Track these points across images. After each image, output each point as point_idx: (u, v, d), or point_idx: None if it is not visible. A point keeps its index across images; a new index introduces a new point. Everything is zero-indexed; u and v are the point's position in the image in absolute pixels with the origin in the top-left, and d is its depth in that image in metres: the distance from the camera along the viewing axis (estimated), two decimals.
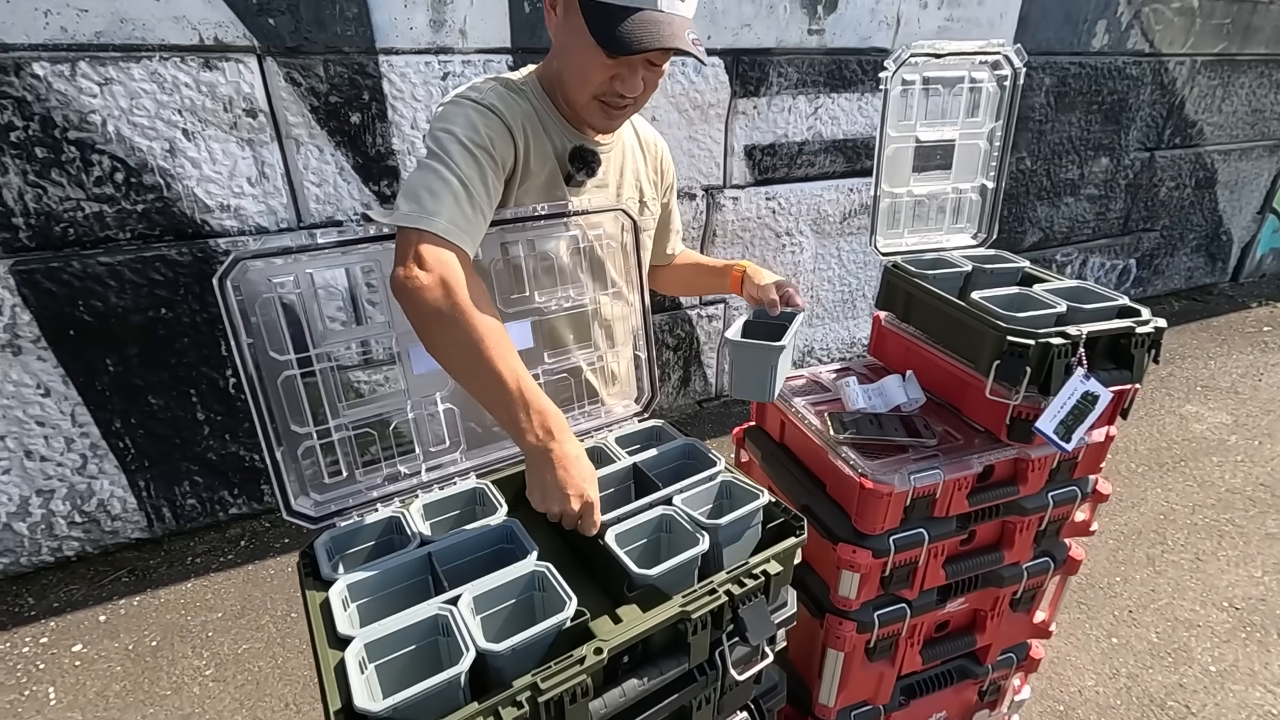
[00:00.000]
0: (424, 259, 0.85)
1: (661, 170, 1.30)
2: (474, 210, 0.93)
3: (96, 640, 2.07)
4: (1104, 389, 1.03)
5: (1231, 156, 4.47)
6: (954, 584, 1.24)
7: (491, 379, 0.85)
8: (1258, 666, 1.95)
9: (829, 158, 3.15)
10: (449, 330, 0.85)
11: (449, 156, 0.94)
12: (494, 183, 0.98)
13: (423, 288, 0.84)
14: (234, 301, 0.83)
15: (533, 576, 0.84)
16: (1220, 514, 2.61)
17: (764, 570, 0.86)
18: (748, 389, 1.14)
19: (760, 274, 1.24)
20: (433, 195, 0.90)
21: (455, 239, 0.89)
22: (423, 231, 0.87)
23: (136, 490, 2.32)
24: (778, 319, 1.18)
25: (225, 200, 2.12)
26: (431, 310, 0.85)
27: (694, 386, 3.33)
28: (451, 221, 0.89)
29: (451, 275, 0.85)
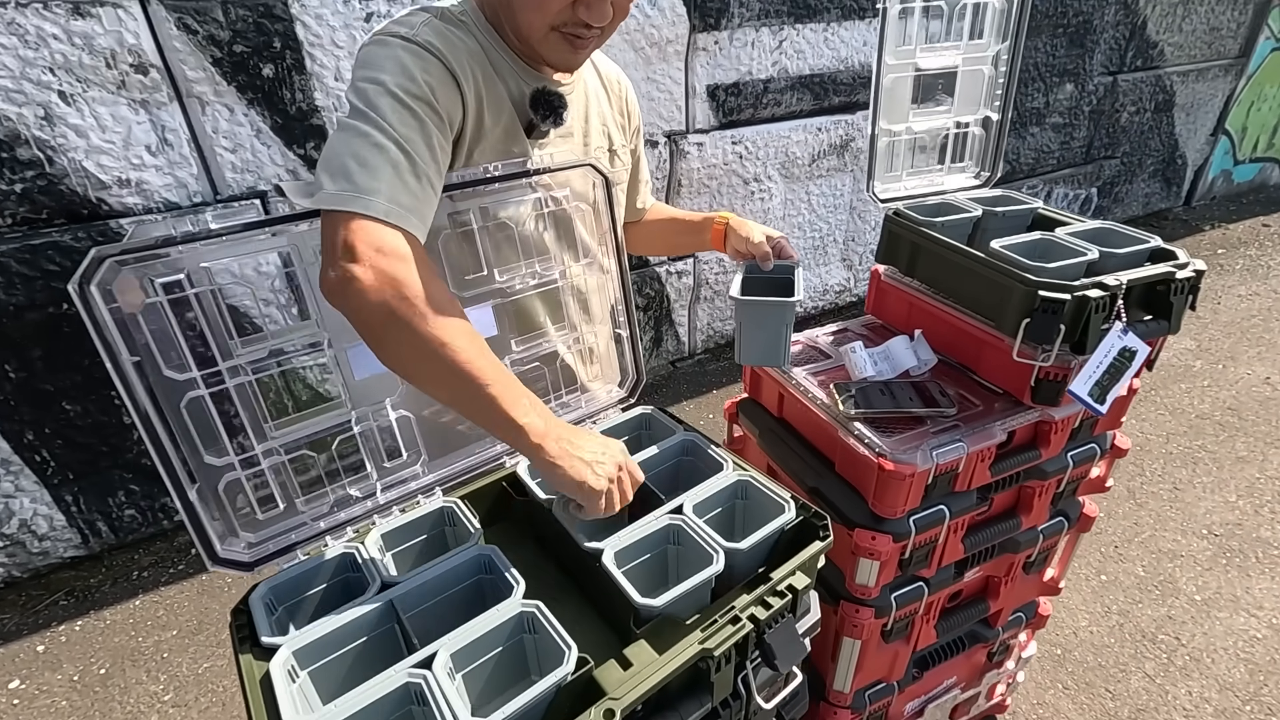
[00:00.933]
0: (362, 251, 0.68)
1: (628, 112, 1.12)
2: (420, 182, 0.75)
3: (36, 673, 1.88)
4: (1142, 343, 0.93)
5: (1189, 78, 4.43)
6: (971, 555, 1.16)
7: (468, 386, 0.71)
8: (1240, 592, 1.98)
9: (796, 95, 2.96)
10: (406, 338, 0.69)
11: (379, 114, 0.74)
12: (440, 143, 0.79)
13: (366, 289, 0.67)
14: (104, 312, 0.64)
15: (521, 618, 0.71)
16: (1193, 441, 2.64)
17: (790, 585, 0.75)
18: (758, 353, 1.00)
19: (745, 225, 1.09)
20: (364, 167, 0.71)
21: (400, 221, 0.71)
22: (357, 216, 0.69)
23: (63, 506, 2.09)
24: (774, 273, 1.04)
25: (123, 174, 1.84)
26: (380, 316, 0.68)
27: (666, 347, 3.20)
28: (393, 200, 0.71)
29: (399, 269, 0.69)
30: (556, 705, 0.64)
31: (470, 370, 0.70)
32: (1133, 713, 1.66)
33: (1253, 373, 3.05)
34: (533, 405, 0.73)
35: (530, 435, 0.72)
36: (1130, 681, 1.74)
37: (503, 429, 0.72)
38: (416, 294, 0.69)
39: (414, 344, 0.69)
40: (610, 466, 0.74)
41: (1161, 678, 1.75)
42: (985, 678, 1.47)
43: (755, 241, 1.05)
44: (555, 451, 0.72)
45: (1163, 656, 1.80)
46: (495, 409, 0.71)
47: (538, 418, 0.73)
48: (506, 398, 0.71)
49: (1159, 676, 1.75)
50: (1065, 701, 1.70)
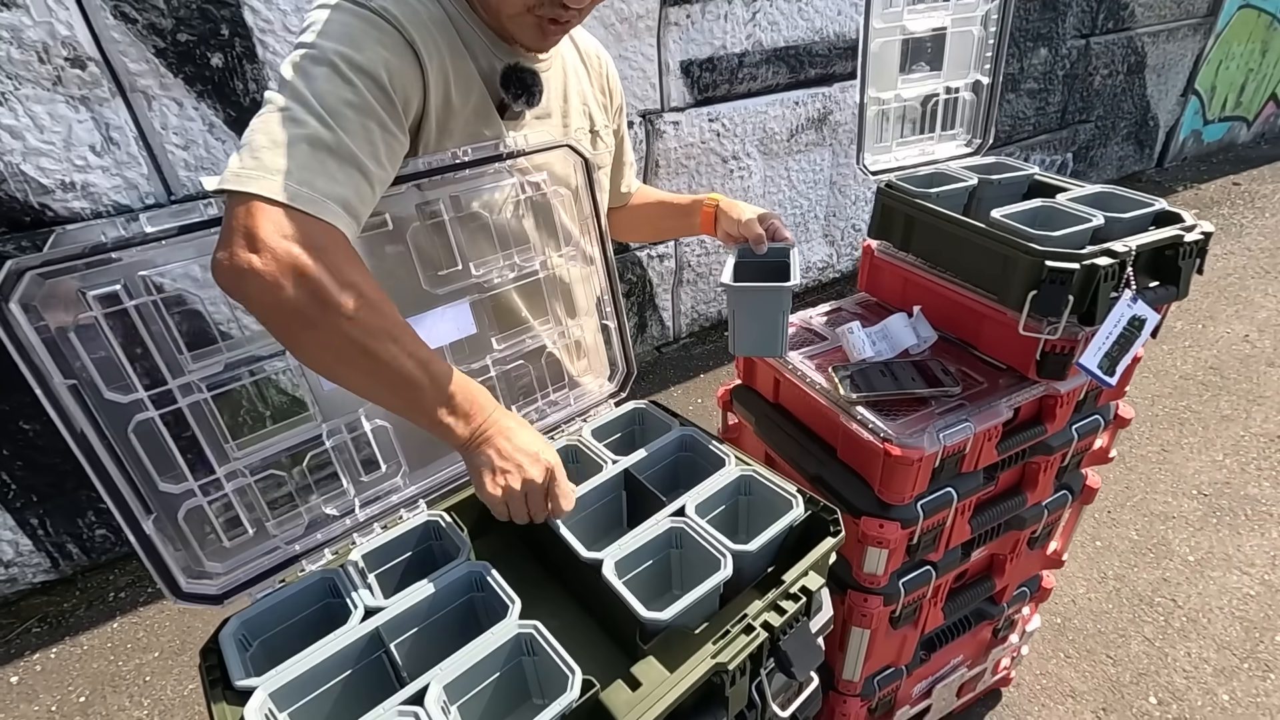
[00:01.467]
0: (263, 239, 0.59)
1: (609, 89, 1.05)
2: (342, 166, 0.65)
3: (11, 706, 1.80)
4: (1152, 311, 0.89)
5: (1160, 38, 4.43)
6: (977, 535, 1.13)
7: (392, 390, 0.67)
8: (1231, 550, 2.00)
9: (771, 69, 2.89)
10: (316, 337, 0.63)
11: (308, 85, 0.65)
12: (385, 124, 0.69)
13: (267, 285, 0.59)
14: (29, 332, 0.57)
15: (519, 640, 0.65)
16: (1178, 402, 2.66)
17: (804, 587, 0.70)
18: (754, 343, 0.95)
19: (736, 207, 1.03)
20: (276, 146, 0.62)
21: (311, 207, 0.61)
22: (260, 199, 0.60)
23: (29, 529, 1.99)
24: (767, 256, 0.99)
25: (66, 176, 1.72)
26: (285, 314, 0.61)
27: (651, 332, 3.14)
28: (304, 182, 0.62)
29: (309, 262, 0.60)
30: None
31: (393, 374, 0.66)
32: (1134, 677, 1.67)
33: (1232, 331, 3.07)
34: (463, 403, 0.70)
35: (455, 434, 0.70)
36: (1130, 646, 1.75)
37: (430, 429, 0.70)
38: (328, 291, 0.61)
39: (325, 345, 0.64)
40: (517, 478, 0.70)
41: (1160, 640, 1.76)
42: (991, 654, 1.45)
43: (747, 223, 0.99)
44: (476, 451, 0.71)
45: (1160, 619, 1.81)
46: (421, 411, 0.69)
47: (461, 420, 0.70)
48: (431, 395, 0.68)
49: (1158, 639, 1.76)
50: (1068, 670, 1.70)
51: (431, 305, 0.83)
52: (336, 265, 0.62)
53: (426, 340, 0.82)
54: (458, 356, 0.87)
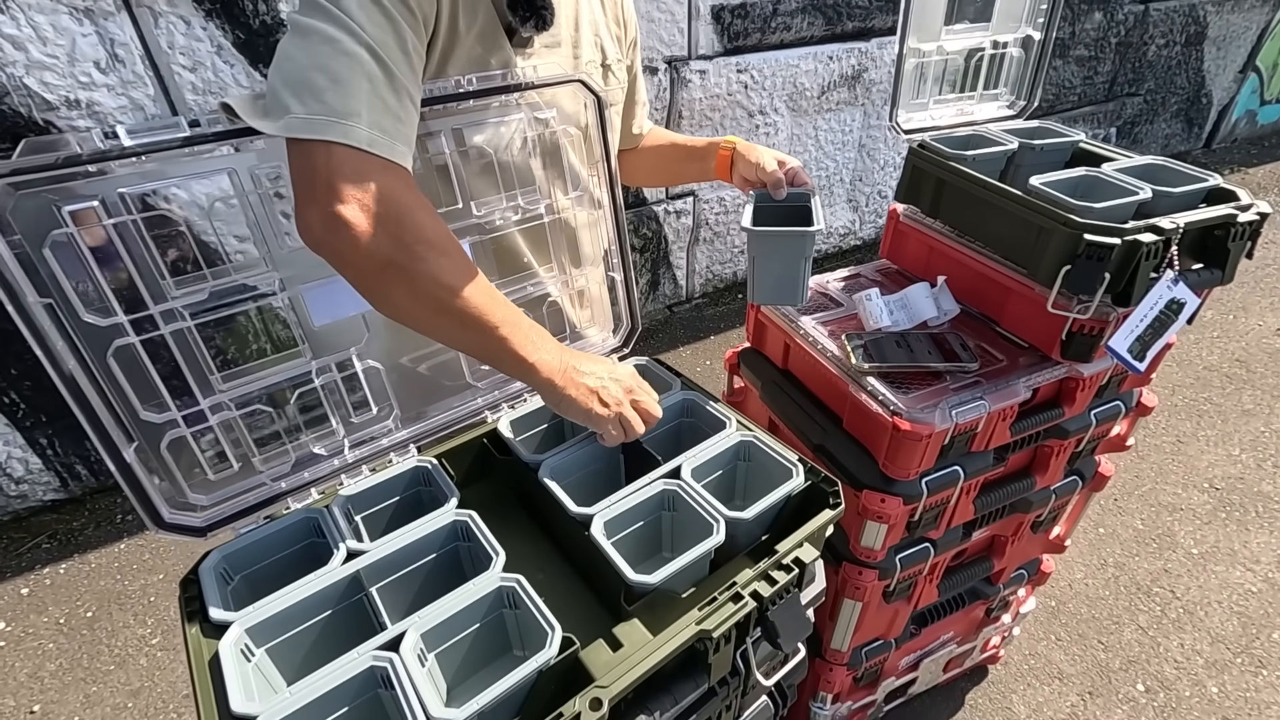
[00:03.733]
0: (349, 190, 0.59)
1: (624, 21, 0.98)
2: (399, 99, 0.64)
3: (21, 616, 1.86)
4: (1192, 294, 0.83)
5: (1225, 7, 4.16)
6: (981, 516, 1.11)
7: (477, 332, 0.68)
8: (1237, 546, 1.97)
9: (807, 19, 2.74)
10: (407, 288, 0.63)
11: (345, 11, 0.61)
12: (416, 48, 0.67)
13: (359, 235, 0.59)
14: None
15: (500, 593, 0.64)
16: (1199, 393, 2.58)
17: (797, 559, 0.68)
18: (774, 291, 0.90)
19: (754, 150, 0.97)
20: (338, 85, 0.59)
21: (387, 151, 0.61)
22: (338, 146, 0.59)
23: (38, 448, 2.03)
24: (787, 202, 0.93)
25: (70, 93, 1.67)
26: (376, 265, 0.61)
27: (663, 290, 3.09)
28: (375, 124, 0.61)
29: (395, 209, 0.60)
30: (539, 690, 0.58)
31: (479, 316, 0.66)
32: (1123, 664, 1.67)
33: (1264, 324, 2.97)
34: (541, 340, 0.71)
35: (541, 371, 0.70)
36: (1123, 633, 1.74)
37: (514, 368, 0.70)
38: (416, 238, 0.62)
39: (416, 294, 0.64)
40: (616, 391, 0.73)
41: (1154, 630, 1.74)
42: (982, 632, 1.45)
43: (767, 168, 0.93)
44: (563, 383, 0.71)
45: (1156, 609, 1.80)
46: (506, 351, 0.69)
47: (546, 353, 0.71)
48: (516, 338, 0.69)
49: (1152, 629, 1.75)
50: (1058, 653, 1.69)
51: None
52: (419, 214, 0.62)
53: None
54: None
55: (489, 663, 0.68)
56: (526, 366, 0.70)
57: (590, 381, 0.73)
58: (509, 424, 0.84)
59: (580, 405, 0.72)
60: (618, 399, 0.73)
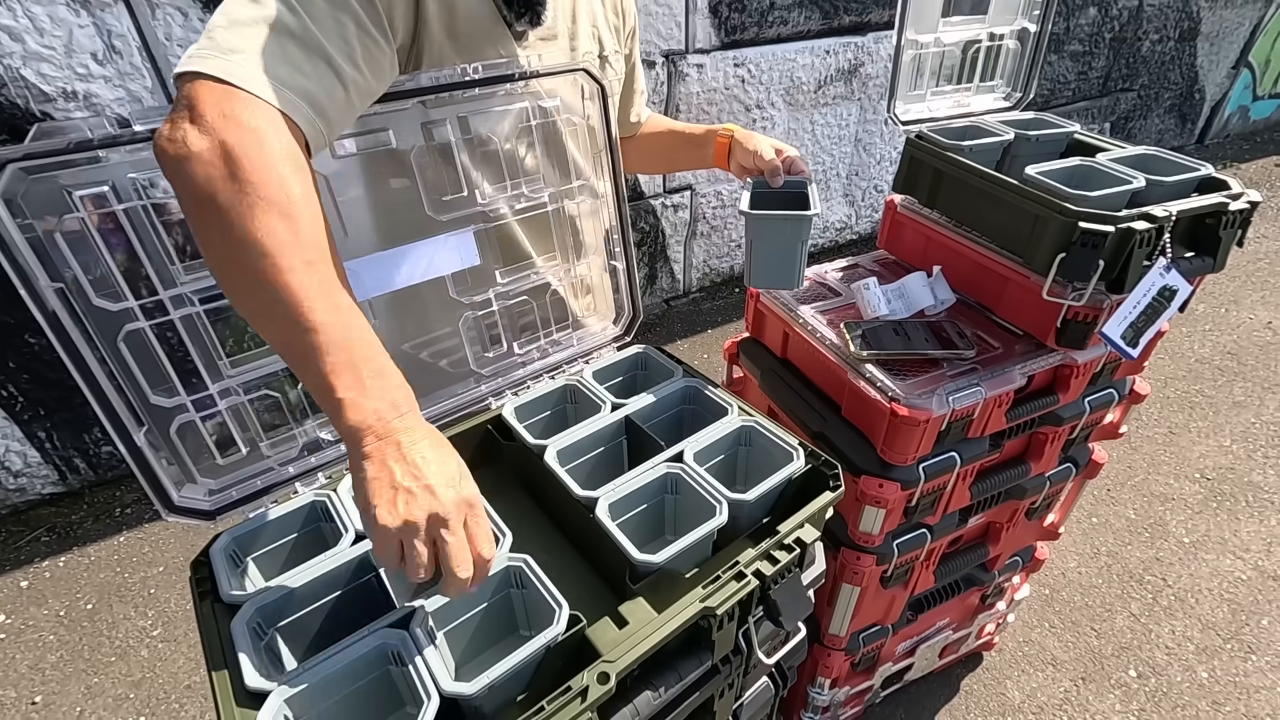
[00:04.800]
0: (204, 112, 0.52)
1: (623, 12, 0.98)
2: (306, 54, 0.58)
3: (21, 609, 1.86)
4: (1185, 282, 0.85)
5: (1218, 3, 4.19)
6: (976, 502, 1.12)
7: (284, 320, 0.52)
8: (1228, 534, 2.00)
9: (803, 13, 2.75)
10: (220, 230, 0.52)
11: None
12: (365, 28, 0.63)
13: (192, 155, 0.51)
14: (10, 229, 0.55)
15: (508, 573, 0.65)
16: (1190, 385, 2.61)
17: (798, 539, 0.69)
18: (770, 274, 0.92)
19: (752, 138, 0.99)
20: (233, 26, 0.56)
21: (262, 90, 0.55)
22: (206, 77, 0.54)
23: (36, 442, 2.02)
24: (784, 190, 0.95)
25: (68, 85, 1.67)
26: (200, 193, 0.52)
27: (661, 284, 3.10)
28: (262, 68, 0.55)
29: (243, 140, 0.52)
30: (546, 665, 0.59)
31: (291, 302, 0.52)
32: (1116, 650, 1.69)
33: (1255, 317, 3.00)
34: (375, 380, 0.54)
35: (347, 415, 0.52)
36: (1115, 620, 1.76)
37: (319, 394, 0.53)
38: (252, 177, 0.51)
39: (226, 241, 0.52)
40: (422, 510, 0.51)
41: (1146, 617, 1.77)
42: (977, 619, 1.47)
43: (764, 156, 0.95)
44: (371, 450, 0.52)
45: (1148, 597, 1.82)
46: (312, 365, 0.52)
47: (369, 397, 0.53)
48: (331, 356, 0.52)
49: (1143, 616, 1.77)
50: (1051, 639, 1.72)
51: (434, 231, 0.80)
52: (272, 160, 0.53)
53: (429, 269, 0.80)
54: (460, 288, 0.85)
55: (495, 642, 0.69)
56: (332, 399, 0.52)
57: (401, 471, 0.51)
58: (513, 410, 0.85)
59: (367, 489, 0.51)
60: (425, 516, 0.51)
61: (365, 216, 0.76)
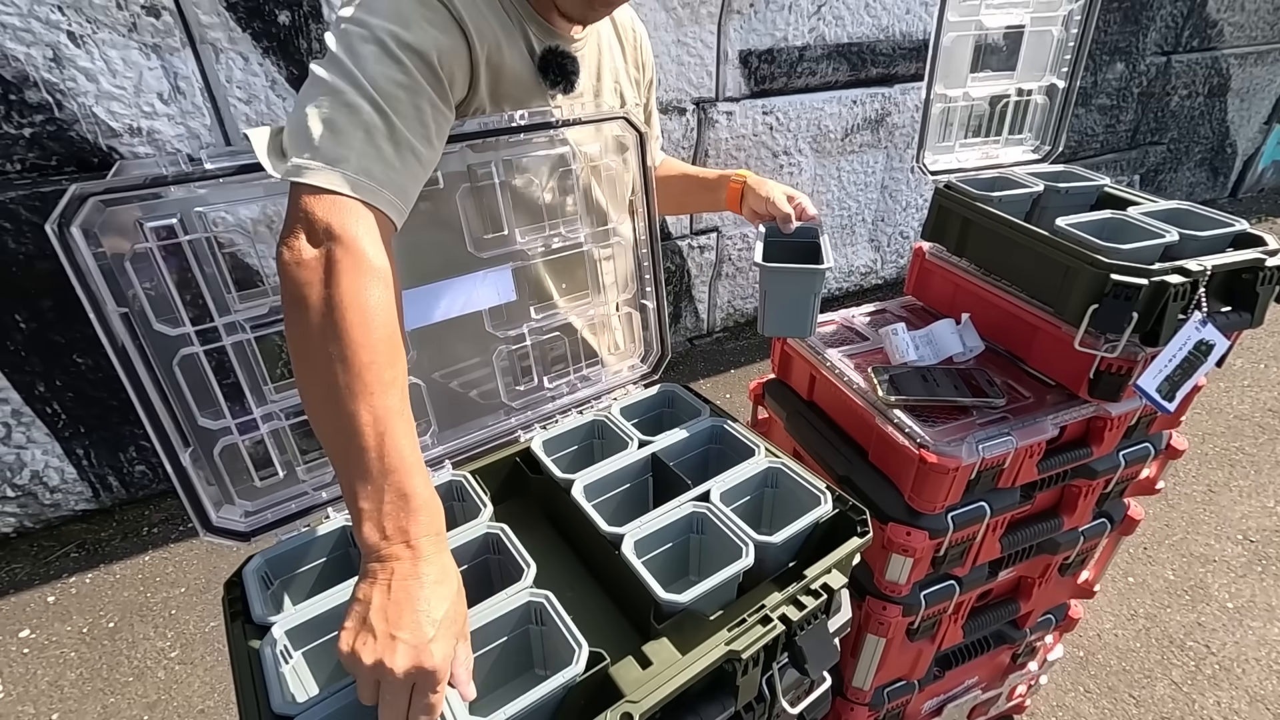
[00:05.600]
0: (314, 223, 0.57)
1: (642, 64, 1.02)
2: (398, 150, 0.64)
3: (46, 624, 1.89)
4: (1222, 337, 0.84)
5: (1248, 61, 4.20)
6: (1007, 555, 1.10)
7: (340, 418, 0.54)
8: (1275, 601, 1.90)
9: (832, 65, 2.82)
10: (306, 330, 0.56)
11: (358, 65, 0.63)
12: (435, 104, 0.68)
13: (297, 264, 0.56)
14: (87, 256, 0.58)
15: (529, 608, 0.65)
16: (1230, 442, 2.53)
17: (825, 585, 0.68)
18: (783, 324, 0.93)
19: (764, 185, 1.01)
20: (333, 131, 0.61)
21: (369, 196, 0.60)
22: (319, 190, 0.59)
23: (74, 459, 2.08)
24: (797, 236, 0.97)
25: (134, 122, 1.78)
26: (294, 296, 0.57)
27: (685, 323, 3.12)
28: (362, 170, 0.60)
29: (345, 250, 0.57)
30: (568, 705, 0.59)
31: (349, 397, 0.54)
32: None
33: None
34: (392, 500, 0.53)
35: (360, 529, 0.53)
36: (1155, 688, 1.68)
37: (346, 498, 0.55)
38: (345, 281, 0.56)
39: (309, 340, 0.56)
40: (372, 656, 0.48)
41: (1189, 686, 1.68)
42: (1008, 679, 1.41)
43: (778, 204, 0.97)
44: (370, 568, 0.52)
45: (1190, 664, 1.74)
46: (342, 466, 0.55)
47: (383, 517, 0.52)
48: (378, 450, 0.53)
49: (1186, 685, 1.69)
50: (1087, 705, 1.64)
51: (474, 268, 0.83)
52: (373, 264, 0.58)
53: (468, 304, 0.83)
54: (496, 322, 0.87)
55: (508, 680, 0.68)
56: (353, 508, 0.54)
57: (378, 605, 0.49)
58: (541, 443, 0.87)
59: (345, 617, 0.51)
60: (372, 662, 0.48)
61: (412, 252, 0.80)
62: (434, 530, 0.55)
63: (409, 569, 0.52)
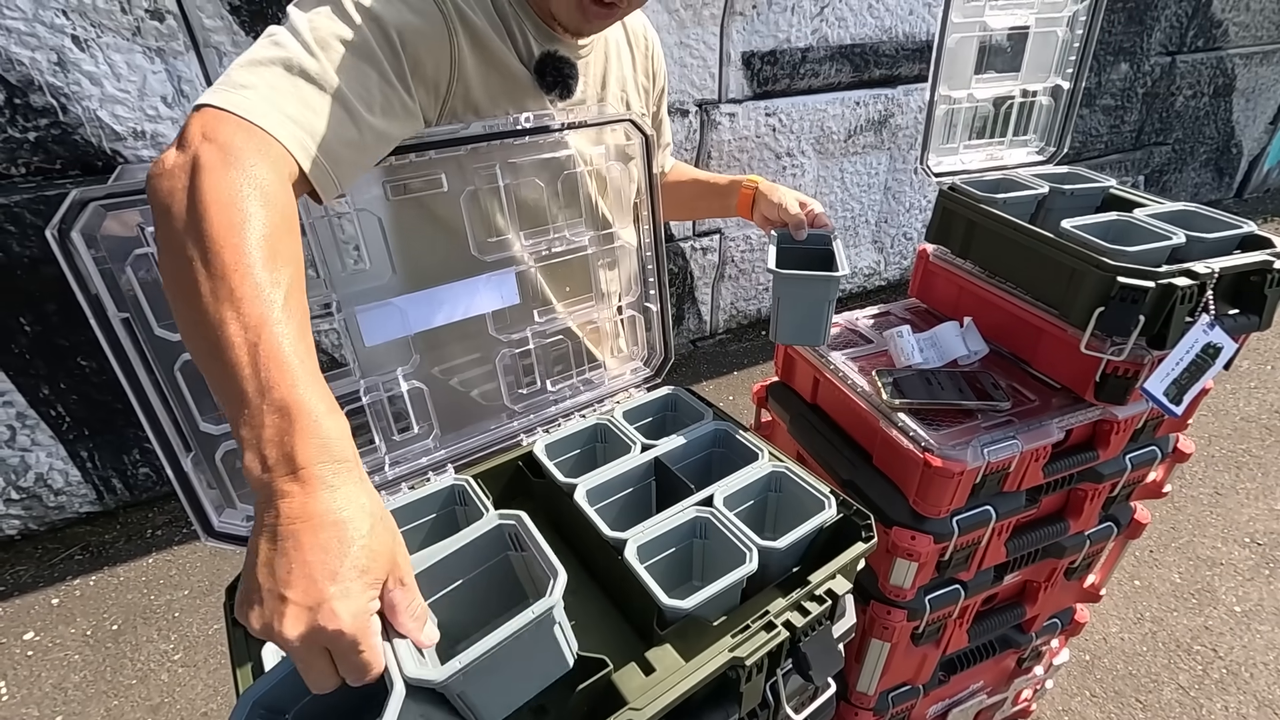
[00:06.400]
0: (187, 135, 0.52)
1: (653, 73, 1.02)
2: (321, 93, 0.59)
3: (50, 626, 1.89)
4: (1229, 339, 0.83)
5: (1253, 61, 4.18)
6: (1013, 559, 1.09)
7: (209, 334, 0.46)
8: None
9: (834, 66, 2.82)
10: (167, 240, 0.50)
11: (304, 20, 0.62)
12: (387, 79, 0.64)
13: (161, 173, 0.51)
14: (88, 261, 0.58)
15: (500, 531, 0.66)
16: (1237, 445, 2.52)
17: (830, 590, 0.68)
18: (797, 332, 0.92)
19: (776, 191, 1.00)
20: (251, 65, 0.58)
21: (262, 120, 0.54)
22: (209, 107, 0.54)
23: (79, 461, 2.09)
24: (809, 243, 0.96)
25: (138, 125, 1.78)
26: (157, 210, 0.51)
27: (688, 325, 3.12)
28: (270, 102, 0.56)
29: (216, 148, 0.51)
30: (572, 710, 0.58)
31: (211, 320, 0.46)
32: None
33: None
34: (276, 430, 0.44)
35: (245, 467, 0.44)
36: (1162, 693, 1.67)
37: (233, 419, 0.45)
38: (209, 179, 0.49)
39: (164, 255, 0.49)
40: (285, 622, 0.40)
41: (1196, 690, 1.67)
42: (1013, 684, 1.40)
43: (790, 210, 0.96)
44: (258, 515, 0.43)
45: (1198, 668, 1.72)
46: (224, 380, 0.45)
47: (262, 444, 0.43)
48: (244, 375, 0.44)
49: (1193, 689, 1.67)
50: (1093, 710, 1.63)
51: (477, 271, 0.83)
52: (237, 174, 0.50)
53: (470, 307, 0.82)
54: (499, 325, 0.87)
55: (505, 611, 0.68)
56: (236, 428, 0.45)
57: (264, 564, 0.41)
58: (544, 447, 0.86)
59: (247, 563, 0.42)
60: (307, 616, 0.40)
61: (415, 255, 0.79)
62: (333, 456, 0.44)
63: (298, 508, 0.42)
